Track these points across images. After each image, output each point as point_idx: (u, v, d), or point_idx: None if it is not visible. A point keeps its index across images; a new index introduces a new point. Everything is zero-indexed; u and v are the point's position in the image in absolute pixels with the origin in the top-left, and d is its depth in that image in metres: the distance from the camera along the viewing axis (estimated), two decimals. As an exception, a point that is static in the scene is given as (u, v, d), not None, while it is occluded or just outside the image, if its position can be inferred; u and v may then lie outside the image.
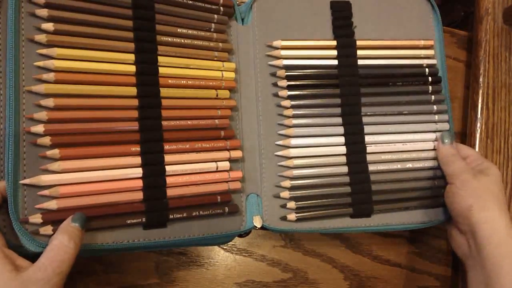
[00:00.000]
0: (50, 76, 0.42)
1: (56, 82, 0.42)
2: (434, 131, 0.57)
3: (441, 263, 0.62)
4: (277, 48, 0.54)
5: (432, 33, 0.60)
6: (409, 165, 0.56)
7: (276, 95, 0.53)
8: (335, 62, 0.55)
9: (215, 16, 0.52)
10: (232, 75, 0.52)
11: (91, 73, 0.44)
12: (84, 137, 0.43)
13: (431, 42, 0.59)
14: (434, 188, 0.56)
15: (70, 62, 0.43)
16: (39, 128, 0.41)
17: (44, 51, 0.42)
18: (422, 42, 0.58)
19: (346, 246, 0.59)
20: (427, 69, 0.58)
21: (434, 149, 0.57)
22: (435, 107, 0.58)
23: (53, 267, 0.36)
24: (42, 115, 0.41)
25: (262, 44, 0.54)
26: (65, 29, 0.43)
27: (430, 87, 0.58)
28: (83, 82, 0.44)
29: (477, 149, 0.63)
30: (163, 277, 0.53)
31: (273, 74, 0.54)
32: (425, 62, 0.58)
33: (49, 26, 0.43)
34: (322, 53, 0.55)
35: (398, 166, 0.55)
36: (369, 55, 0.56)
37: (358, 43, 0.56)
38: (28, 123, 0.41)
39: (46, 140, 0.41)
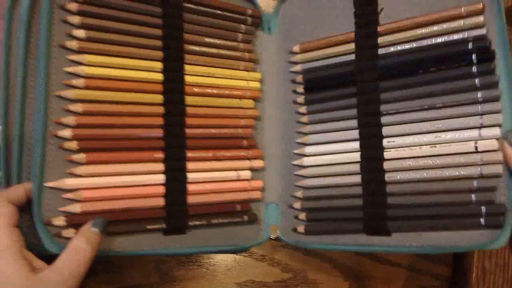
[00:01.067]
0: (80, 82, 0.43)
1: (86, 88, 0.43)
2: (477, 127, 0.43)
3: (441, 263, 0.61)
4: (297, 53, 0.53)
5: None
6: (438, 173, 0.44)
7: (295, 102, 0.53)
8: (353, 57, 0.49)
9: (242, 26, 0.52)
10: (257, 84, 0.53)
11: (120, 80, 0.45)
12: (109, 143, 0.44)
13: (478, 6, 0.43)
14: (472, 204, 0.42)
15: (100, 69, 0.44)
16: (67, 133, 0.42)
17: (75, 57, 0.43)
18: (463, 9, 0.44)
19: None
20: (471, 43, 0.43)
21: (476, 152, 0.43)
22: (479, 93, 0.43)
23: (69, 270, 0.37)
24: (71, 119, 0.42)
25: (287, 51, 0.54)
26: (96, 37, 0.44)
27: (475, 68, 0.43)
28: (111, 88, 0.45)
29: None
30: (163, 277, 0.54)
31: (293, 81, 0.53)
32: (471, 34, 0.44)
33: (81, 33, 0.44)
34: (340, 49, 0.50)
35: (424, 174, 0.44)
36: (391, 41, 0.47)
37: (379, 29, 0.47)
38: (55, 127, 0.42)
39: (73, 145, 0.42)
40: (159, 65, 0.47)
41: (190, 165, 0.48)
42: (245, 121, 0.51)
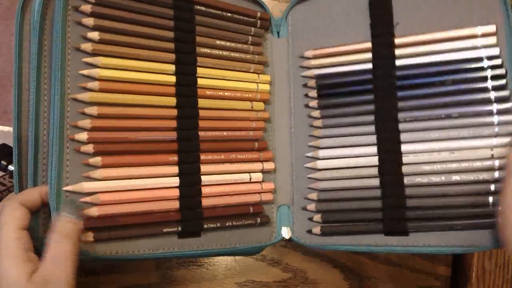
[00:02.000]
0: (95, 84, 0.43)
1: (100, 90, 0.43)
2: (493, 136, 0.48)
3: (441, 263, 0.61)
4: (309, 58, 0.53)
5: (497, 17, 0.49)
6: (456, 177, 0.48)
7: (307, 106, 0.53)
8: (370, 66, 0.51)
9: (252, 29, 0.52)
10: (267, 87, 0.53)
11: (134, 83, 0.45)
12: (125, 146, 0.44)
13: (492, 28, 0.48)
14: (488, 205, 0.47)
15: (114, 71, 0.44)
16: (83, 136, 0.42)
17: (89, 59, 0.43)
18: (480, 30, 0.48)
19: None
20: (486, 61, 0.48)
21: (491, 158, 0.47)
22: (495, 106, 0.48)
23: (59, 267, 0.36)
24: (86, 123, 0.42)
25: (296, 56, 0.54)
26: (110, 39, 0.44)
27: (490, 83, 0.48)
28: (125, 91, 0.44)
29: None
30: (163, 277, 0.53)
31: (305, 85, 0.54)
32: (484, 53, 0.48)
33: (94, 35, 0.43)
34: (356, 58, 0.52)
35: (442, 178, 0.48)
36: (410, 53, 0.50)
37: (397, 41, 0.50)
38: (71, 131, 0.42)
39: (89, 148, 0.42)
40: (172, 67, 0.47)
41: (203, 168, 0.47)
42: (256, 124, 0.51)
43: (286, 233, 0.52)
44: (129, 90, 0.45)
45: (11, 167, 0.50)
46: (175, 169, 0.46)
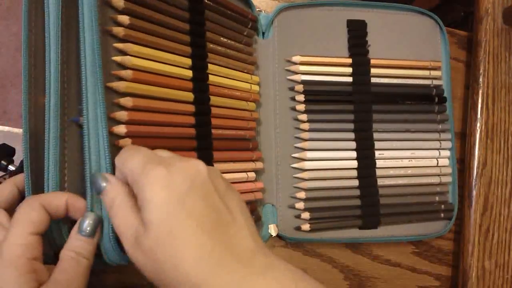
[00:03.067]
0: (128, 73, 0.39)
1: (132, 80, 0.39)
2: (438, 149, 0.60)
3: (441, 263, 0.63)
4: (295, 63, 0.56)
5: (439, 54, 0.62)
6: (413, 180, 0.58)
7: (293, 109, 0.56)
8: (350, 79, 0.58)
9: (245, 29, 0.53)
10: (257, 88, 0.53)
11: (161, 75, 0.42)
12: (155, 141, 0.41)
13: (438, 64, 0.61)
14: (435, 203, 0.59)
15: (144, 61, 0.41)
16: (122, 129, 0.38)
17: (120, 45, 0.39)
18: (430, 63, 0.60)
19: (346, 246, 0.59)
20: (434, 89, 0.60)
21: (437, 166, 0.59)
22: (440, 126, 0.60)
23: (67, 282, 0.33)
24: (123, 115, 0.38)
25: (281, 58, 0.56)
26: (139, 25, 0.40)
27: (436, 107, 0.60)
28: (155, 83, 0.41)
29: (477, 149, 0.62)
30: None
31: (291, 89, 0.56)
32: (432, 82, 0.61)
33: (125, 19, 0.39)
34: (338, 70, 0.57)
35: (405, 181, 0.58)
36: (381, 74, 0.59)
37: (372, 61, 0.58)
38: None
39: (127, 142, 0.38)
40: (189, 61, 0.45)
41: (215, 166, 0.46)
42: (249, 123, 0.52)
43: (272, 230, 0.53)
44: (156, 82, 0.42)
45: (11, 167, 0.42)
46: (195, 167, 0.44)
